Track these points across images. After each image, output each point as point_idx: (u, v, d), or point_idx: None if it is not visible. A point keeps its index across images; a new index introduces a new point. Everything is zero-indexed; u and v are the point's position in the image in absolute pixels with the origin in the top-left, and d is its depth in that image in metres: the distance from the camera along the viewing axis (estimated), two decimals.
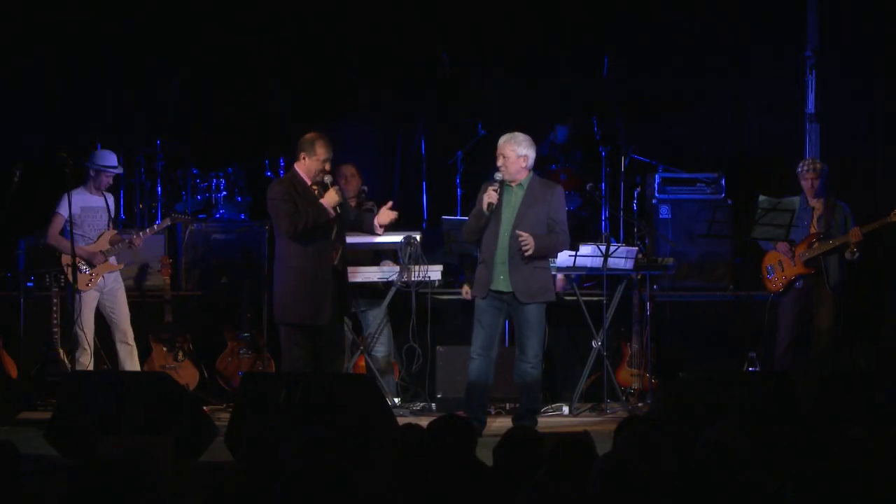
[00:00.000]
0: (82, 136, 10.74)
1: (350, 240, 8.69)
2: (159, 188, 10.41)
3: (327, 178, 7.83)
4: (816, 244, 8.76)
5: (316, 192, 7.80)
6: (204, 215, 10.39)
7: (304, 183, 7.80)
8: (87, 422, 6.67)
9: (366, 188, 9.43)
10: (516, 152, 7.80)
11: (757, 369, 8.94)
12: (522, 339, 7.90)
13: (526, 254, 7.70)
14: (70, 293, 8.81)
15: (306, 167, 7.81)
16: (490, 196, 7.78)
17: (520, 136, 7.86)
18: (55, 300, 9.07)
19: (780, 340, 8.86)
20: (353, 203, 9.33)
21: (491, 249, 7.85)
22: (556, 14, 11.15)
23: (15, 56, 10.95)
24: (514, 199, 7.85)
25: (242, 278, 9.57)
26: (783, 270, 8.84)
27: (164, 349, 9.20)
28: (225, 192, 10.50)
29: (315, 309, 7.72)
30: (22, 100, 11.10)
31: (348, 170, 9.37)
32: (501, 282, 7.83)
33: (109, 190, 9.09)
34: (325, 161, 7.79)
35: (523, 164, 7.83)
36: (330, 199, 7.75)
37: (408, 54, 11.22)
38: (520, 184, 7.85)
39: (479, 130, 10.70)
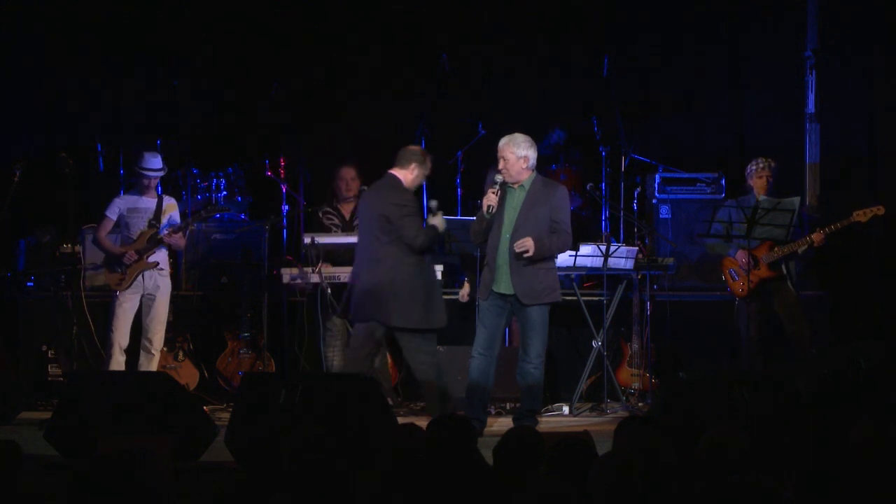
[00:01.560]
0: (82, 136, 10.75)
1: (350, 240, 8.70)
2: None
3: (433, 204, 8.20)
4: (777, 248, 8.76)
5: None
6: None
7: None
8: (87, 422, 6.67)
9: (366, 188, 9.42)
10: (516, 154, 7.79)
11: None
12: (525, 340, 7.89)
13: (525, 255, 7.70)
14: (78, 294, 8.85)
15: (413, 178, 8.04)
16: (489, 199, 7.77)
17: (519, 138, 7.85)
18: (55, 300, 9.09)
19: (750, 343, 8.85)
20: (353, 205, 9.34)
21: (493, 252, 7.85)
22: (557, 14, 11.14)
23: (15, 56, 10.95)
24: (516, 200, 7.84)
25: (242, 278, 9.57)
26: (748, 275, 8.78)
27: (165, 349, 9.19)
28: (225, 192, 10.50)
29: (442, 312, 8.03)
30: (22, 100, 11.10)
31: (349, 173, 9.39)
32: (503, 284, 7.82)
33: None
34: (426, 177, 8.24)
35: (524, 166, 7.81)
36: (440, 223, 8.06)
37: (407, 54, 11.21)
38: (521, 185, 7.84)
39: (480, 130, 10.69)
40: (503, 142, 7.85)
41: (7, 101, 10.99)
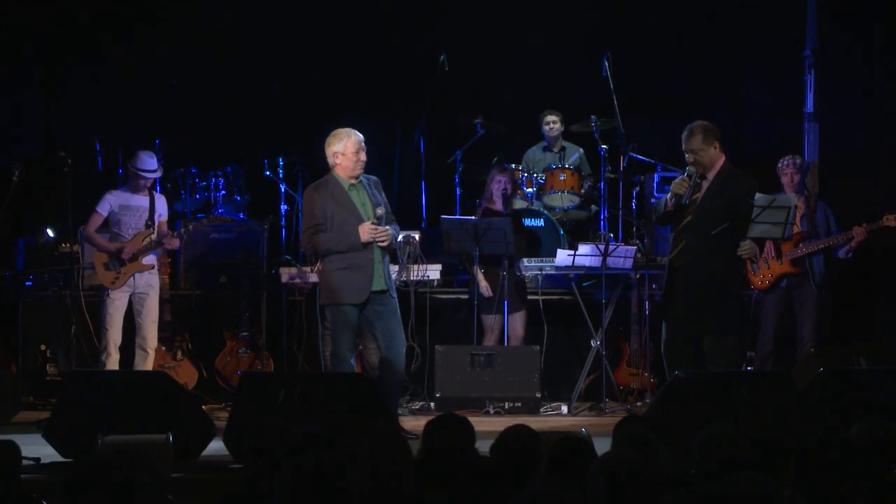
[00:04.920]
0: (82, 136, 10.74)
1: None
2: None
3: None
4: (802, 245, 8.78)
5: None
6: (203, 215, 10.39)
7: None
8: (86, 422, 6.66)
9: None
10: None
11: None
12: None
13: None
14: (77, 293, 8.84)
15: None
16: None
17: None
18: (54, 300, 9.08)
19: (765, 340, 8.87)
20: None
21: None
22: (557, 13, 11.13)
23: (15, 55, 10.94)
24: (362, 196, 7.81)
25: (241, 278, 9.57)
26: (769, 268, 8.85)
27: (163, 348, 9.19)
28: (224, 192, 10.50)
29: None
30: (22, 100, 11.10)
31: None
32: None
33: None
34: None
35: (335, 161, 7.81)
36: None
37: (407, 54, 11.21)
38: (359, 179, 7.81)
39: (479, 130, 10.69)
40: (359, 139, 7.81)
41: (7, 101, 10.99)
